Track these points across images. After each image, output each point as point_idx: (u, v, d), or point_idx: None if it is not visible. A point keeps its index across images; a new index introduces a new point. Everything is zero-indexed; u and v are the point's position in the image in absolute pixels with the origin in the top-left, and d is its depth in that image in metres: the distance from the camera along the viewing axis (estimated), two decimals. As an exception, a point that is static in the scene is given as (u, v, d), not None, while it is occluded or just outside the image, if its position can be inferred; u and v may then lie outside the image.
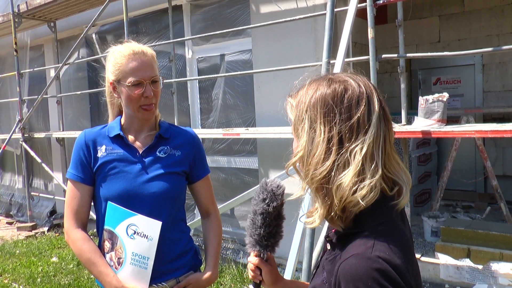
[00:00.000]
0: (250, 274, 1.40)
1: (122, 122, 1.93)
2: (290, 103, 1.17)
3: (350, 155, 1.04)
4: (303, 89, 1.15)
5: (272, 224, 1.30)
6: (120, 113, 1.96)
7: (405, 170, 1.13)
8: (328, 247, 1.18)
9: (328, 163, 1.05)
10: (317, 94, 1.09)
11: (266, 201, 1.29)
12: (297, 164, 1.13)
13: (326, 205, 1.08)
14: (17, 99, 7.86)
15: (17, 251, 6.48)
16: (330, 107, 1.07)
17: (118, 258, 1.79)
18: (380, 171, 1.05)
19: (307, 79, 1.19)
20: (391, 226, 1.07)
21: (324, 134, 1.06)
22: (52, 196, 8.21)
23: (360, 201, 1.02)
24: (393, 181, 1.10)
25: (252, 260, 1.37)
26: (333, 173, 1.05)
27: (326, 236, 1.18)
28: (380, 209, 1.07)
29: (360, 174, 1.03)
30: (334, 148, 1.05)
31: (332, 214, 1.08)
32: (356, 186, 1.03)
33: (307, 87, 1.14)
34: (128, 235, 1.78)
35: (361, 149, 1.04)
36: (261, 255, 1.35)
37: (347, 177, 1.03)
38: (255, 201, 1.31)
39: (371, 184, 1.03)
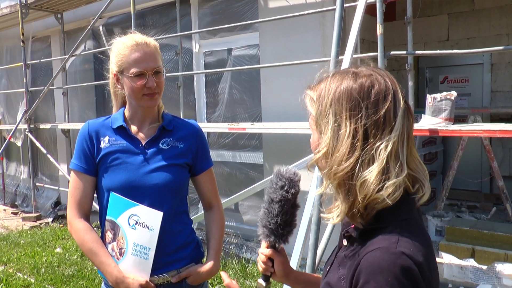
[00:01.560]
0: (261, 266, 1.38)
1: (126, 114, 1.92)
2: (309, 96, 1.13)
3: (375, 152, 1.01)
4: (325, 82, 1.11)
5: (289, 212, 1.29)
6: (124, 105, 1.96)
7: (423, 166, 1.11)
8: (345, 243, 1.15)
9: (352, 159, 1.02)
10: (342, 88, 1.06)
11: (285, 188, 1.27)
12: (320, 160, 1.10)
13: (348, 201, 1.06)
14: (23, 90, 7.88)
15: (22, 241, 6.51)
16: (356, 101, 1.03)
17: (120, 249, 1.79)
18: (405, 171, 1.03)
19: (328, 71, 1.15)
20: (413, 223, 1.06)
21: (349, 130, 1.03)
22: (56, 187, 8.25)
23: (386, 199, 1.00)
24: (414, 178, 1.09)
25: (265, 251, 1.35)
26: (357, 170, 1.02)
27: (345, 232, 1.15)
28: (402, 206, 1.05)
29: (385, 172, 1.01)
30: (359, 144, 1.02)
31: (354, 210, 1.06)
32: (381, 184, 1.01)
33: (330, 80, 1.10)
34: (129, 225, 1.78)
35: (386, 146, 1.01)
36: (276, 245, 1.34)
37: (372, 175, 1.01)
38: (272, 189, 1.29)
39: (396, 183, 1.01)
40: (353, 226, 1.13)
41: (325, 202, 1.17)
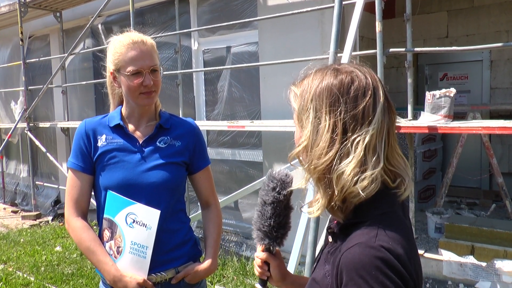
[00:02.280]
0: (257, 270, 1.38)
1: (123, 112, 1.92)
2: (294, 91, 1.16)
3: (352, 145, 1.03)
4: (308, 78, 1.14)
5: (282, 214, 1.29)
6: (121, 103, 1.96)
7: (405, 162, 1.13)
8: (330, 239, 1.17)
9: (331, 153, 1.04)
10: (323, 84, 1.08)
11: (277, 190, 1.27)
12: (301, 154, 1.12)
13: (327, 195, 1.07)
14: (23, 88, 7.88)
15: (22, 240, 6.52)
16: (336, 97, 1.06)
17: (117, 247, 1.79)
18: (382, 163, 1.05)
19: (312, 68, 1.17)
20: (393, 216, 1.07)
21: (328, 124, 1.05)
22: (56, 186, 8.25)
23: (361, 192, 1.02)
24: (395, 174, 1.10)
25: (260, 255, 1.36)
26: (335, 163, 1.04)
27: (328, 228, 1.17)
28: (382, 200, 1.06)
29: (362, 165, 1.03)
30: (338, 138, 1.04)
31: (333, 204, 1.07)
32: (357, 177, 1.02)
33: (313, 77, 1.13)
34: (127, 224, 1.78)
35: (364, 139, 1.03)
36: (270, 248, 1.34)
37: (348, 167, 1.03)
38: (264, 191, 1.29)
39: (372, 175, 1.02)
40: (335, 222, 1.15)
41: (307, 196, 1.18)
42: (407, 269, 0.97)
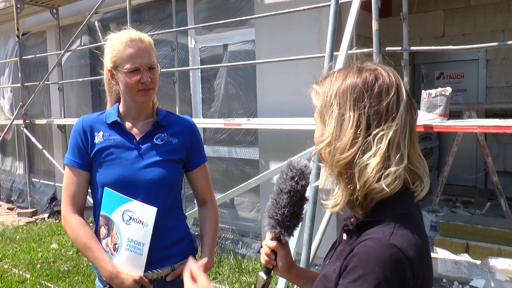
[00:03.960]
0: (264, 258, 1.37)
1: (120, 109, 1.93)
2: (315, 90, 1.16)
3: (375, 139, 1.04)
4: (331, 77, 1.14)
5: (297, 204, 1.28)
6: (118, 100, 1.96)
7: (425, 163, 1.13)
8: (345, 237, 1.17)
9: (355, 148, 1.05)
10: (347, 82, 1.09)
11: (295, 179, 1.26)
12: (323, 150, 1.12)
13: (348, 190, 1.08)
14: (19, 85, 7.86)
15: (17, 237, 6.51)
16: (361, 93, 1.06)
17: (114, 244, 1.80)
18: (405, 161, 1.05)
19: (334, 68, 1.19)
20: (410, 218, 1.07)
21: (353, 120, 1.06)
22: (53, 183, 8.23)
23: (385, 187, 1.02)
24: (414, 173, 1.11)
25: (269, 243, 1.35)
26: (357, 157, 1.05)
27: (345, 225, 1.17)
28: (401, 200, 1.07)
29: (385, 161, 1.03)
30: (361, 133, 1.05)
31: (354, 199, 1.08)
32: (380, 173, 1.03)
33: (336, 75, 1.13)
34: (124, 221, 1.78)
35: (387, 134, 1.04)
36: (280, 237, 1.33)
37: (372, 162, 1.03)
38: (282, 179, 1.28)
39: (396, 172, 1.03)
40: (352, 219, 1.15)
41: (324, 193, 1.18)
42: (415, 272, 0.97)
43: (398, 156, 1.04)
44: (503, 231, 4.04)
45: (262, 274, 1.38)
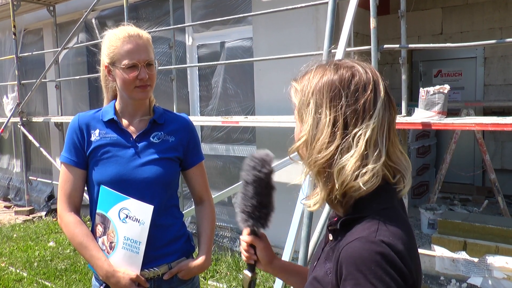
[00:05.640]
0: (244, 255, 1.37)
1: (117, 107, 1.91)
2: (294, 87, 1.16)
3: (353, 139, 1.04)
4: (309, 74, 1.14)
5: (264, 192, 1.28)
6: (115, 97, 1.94)
7: (406, 159, 1.13)
8: (331, 237, 1.16)
9: (332, 147, 1.05)
10: (324, 79, 1.09)
11: (257, 168, 1.27)
12: (301, 148, 1.12)
13: (327, 189, 1.08)
14: (15, 82, 7.83)
15: (14, 235, 6.49)
16: (337, 91, 1.06)
17: (110, 242, 1.79)
18: (383, 158, 1.05)
19: (313, 64, 1.18)
20: (393, 212, 1.07)
21: (329, 118, 1.05)
22: (50, 181, 8.21)
23: (362, 186, 1.02)
24: (395, 169, 1.10)
25: (245, 238, 1.35)
26: (336, 157, 1.04)
27: (329, 225, 1.17)
28: (383, 195, 1.07)
29: (363, 159, 1.03)
30: (339, 132, 1.05)
31: (332, 198, 1.08)
32: (358, 171, 1.03)
33: (314, 72, 1.13)
34: (120, 219, 1.77)
35: (365, 133, 1.03)
36: (255, 229, 1.32)
37: (350, 162, 1.03)
38: (245, 171, 1.29)
39: (373, 170, 1.03)
40: (335, 219, 1.15)
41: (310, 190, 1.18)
42: (406, 265, 0.97)
43: (375, 154, 1.04)
44: (500, 228, 4.04)
45: (246, 272, 1.38)
